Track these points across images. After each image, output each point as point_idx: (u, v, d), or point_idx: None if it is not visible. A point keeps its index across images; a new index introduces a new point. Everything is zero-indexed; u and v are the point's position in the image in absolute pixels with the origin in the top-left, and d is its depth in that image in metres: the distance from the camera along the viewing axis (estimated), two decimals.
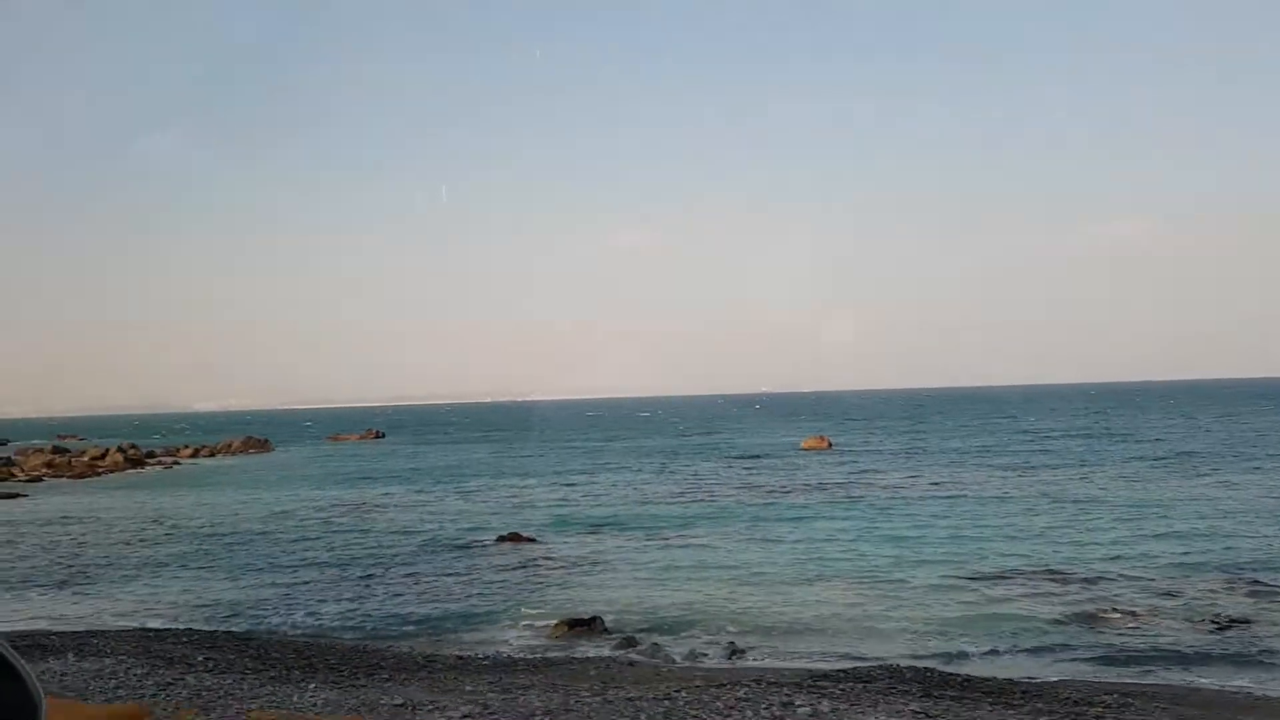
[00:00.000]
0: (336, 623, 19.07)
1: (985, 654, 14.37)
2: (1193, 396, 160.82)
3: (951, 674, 12.05)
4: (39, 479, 61.46)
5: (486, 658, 14.99)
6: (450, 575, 23.27)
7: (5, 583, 24.44)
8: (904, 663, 13.47)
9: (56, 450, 79.29)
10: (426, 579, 22.97)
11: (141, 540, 31.39)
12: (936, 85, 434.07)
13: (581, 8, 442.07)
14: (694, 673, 13.74)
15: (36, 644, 14.80)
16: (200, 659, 13.65)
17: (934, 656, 14.13)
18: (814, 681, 11.06)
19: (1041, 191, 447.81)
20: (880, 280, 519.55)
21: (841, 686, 10.57)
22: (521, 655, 15.28)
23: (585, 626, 16.95)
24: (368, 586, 22.29)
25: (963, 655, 14.31)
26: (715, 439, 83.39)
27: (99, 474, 64.90)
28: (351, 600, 20.80)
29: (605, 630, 16.95)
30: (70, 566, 26.72)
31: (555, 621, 17.33)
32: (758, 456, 61.18)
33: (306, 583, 23.17)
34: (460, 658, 14.87)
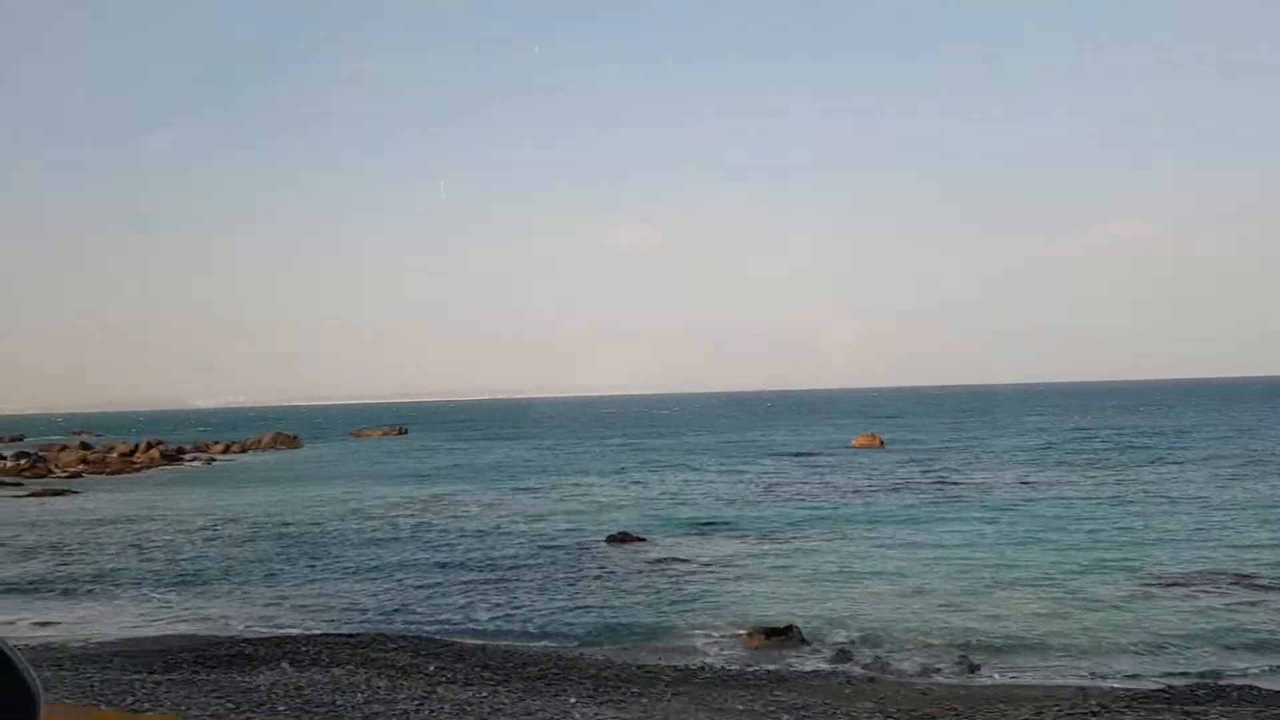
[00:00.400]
0: (495, 626, 18.29)
1: (1269, 671, 13.58)
2: (1207, 394, 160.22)
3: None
4: (78, 475, 60.71)
5: (708, 669, 14.21)
6: (587, 578, 22.47)
7: (117, 583, 23.67)
8: (1179, 683, 12.73)
9: (84, 446, 78.52)
10: (562, 581, 22.18)
11: (231, 539, 30.62)
12: (937, 85, 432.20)
13: (582, 7, 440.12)
14: (954, 690, 12.99)
15: (237, 653, 14.03)
16: (432, 669, 12.89)
17: (1203, 674, 13.35)
18: (1151, 703, 10.34)
19: (1042, 191, 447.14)
20: (878, 279, 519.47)
21: (1217, 710, 9.83)
22: (739, 667, 14.49)
23: (782, 636, 16.18)
24: (508, 590, 21.48)
25: (1239, 670, 13.54)
26: (755, 436, 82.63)
27: (136, 470, 64.11)
28: (502, 605, 19.99)
29: (803, 640, 16.18)
30: (174, 567, 25.95)
31: (748, 630, 16.55)
32: (813, 454, 60.43)
33: (439, 584, 22.39)
34: (681, 669, 14.09)
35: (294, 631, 17.32)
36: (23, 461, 64.96)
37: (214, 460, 73.03)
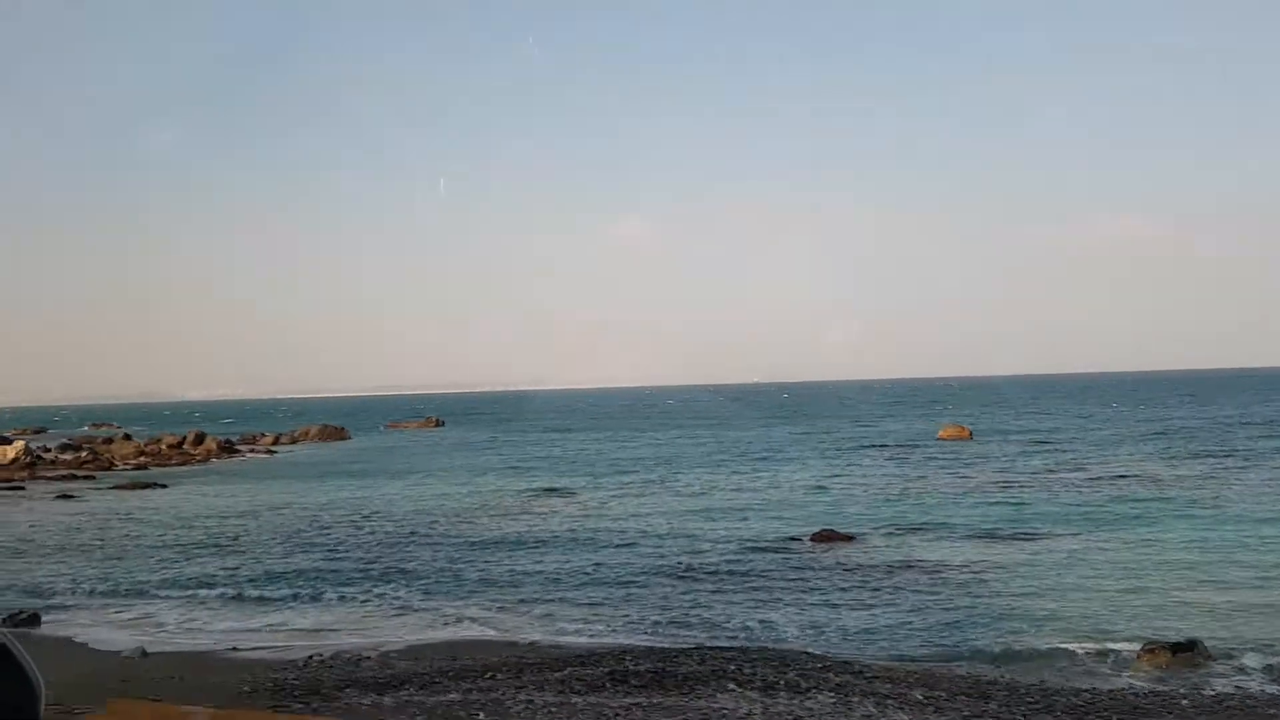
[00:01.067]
0: (823, 640, 16.68)
1: None
2: (1210, 386, 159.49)
3: None
4: (143, 467, 58.87)
5: (1165, 695, 12.69)
6: (854, 587, 20.55)
7: (325, 581, 22.04)
8: None
9: (126, 438, 76.54)
10: (830, 589, 20.44)
11: (390, 535, 29.18)
12: (935, 81, 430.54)
13: (582, 6, 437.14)
14: None
15: (654, 669, 12.43)
16: (886, 690, 11.39)
17: None
18: None
19: (1038, 187, 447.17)
20: (868, 273, 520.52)
21: None
22: (1189, 690, 12.98)
23: (1188, 653, 14.65)
24: (778, 598, 19.83)
25: None
26: (832, 428, 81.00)
27: (200, 462, 62.10)
28: (795, 615, 18.38)
29: (1210, 657, 14.67)
30: (368, 565, 24.35)
31: (1142, 647, 15.01)
32: (911, 446, 58.60)
33: (690, 591, 20.79)
34: (1151, 696, 12.59)
35: (663, 644, 15.75)
36: (83, 454, 63.04)
37: (273, 452, 71.22)
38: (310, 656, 15.34)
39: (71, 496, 42.13)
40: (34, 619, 18.96)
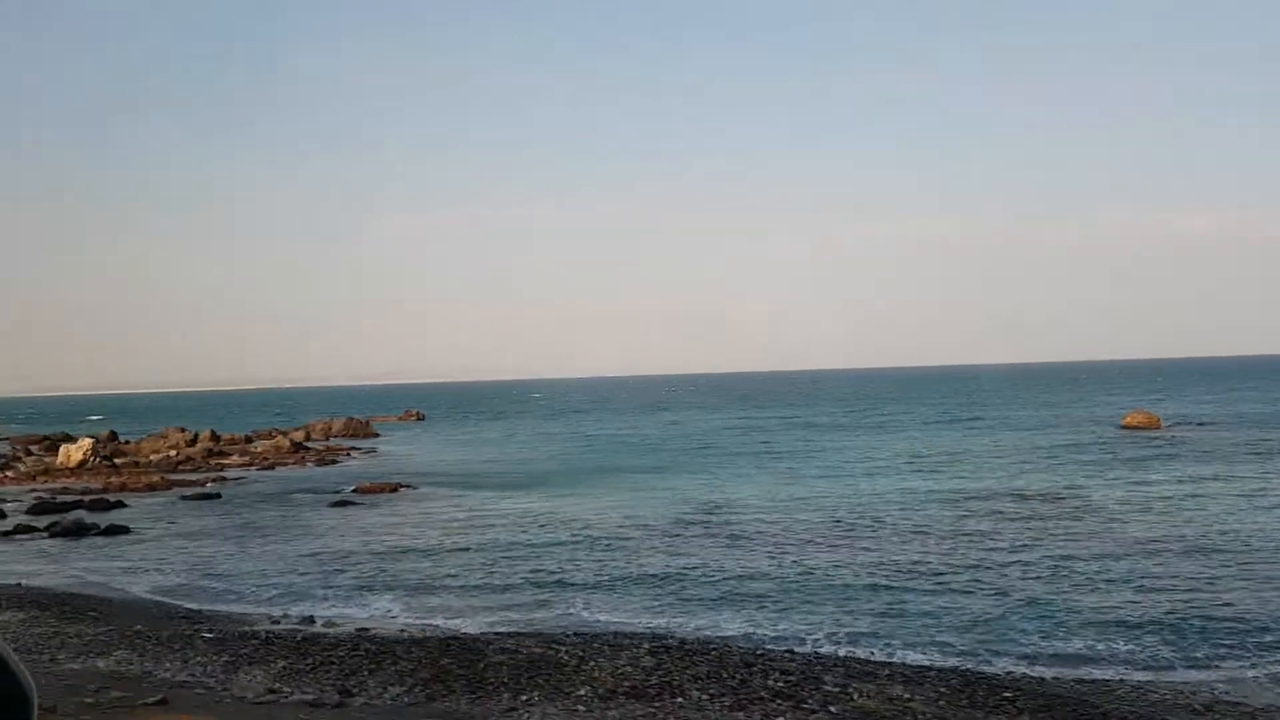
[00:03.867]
0: None
1: None
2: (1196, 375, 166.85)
3: None
4: (270, 467, 50.87)
5: None
6: None
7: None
8: None
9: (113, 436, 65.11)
10: None
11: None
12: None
13: None
14: None
15: None
16: None
17: None
18: None
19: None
20: (801, 267, 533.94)
21: None
22: None
23: None
24: None
25: None
26: (972, 414, 76.57)
27: (316, 464, 52.70)
28: None
29: None
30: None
31: None
32: (1123, 437, 55.67)
33: None
34: None
35: None
36: (174, 454, 52.53)
37: (374, 451, 61.42)
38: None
39: (352, 503, 34.46)
40: None
